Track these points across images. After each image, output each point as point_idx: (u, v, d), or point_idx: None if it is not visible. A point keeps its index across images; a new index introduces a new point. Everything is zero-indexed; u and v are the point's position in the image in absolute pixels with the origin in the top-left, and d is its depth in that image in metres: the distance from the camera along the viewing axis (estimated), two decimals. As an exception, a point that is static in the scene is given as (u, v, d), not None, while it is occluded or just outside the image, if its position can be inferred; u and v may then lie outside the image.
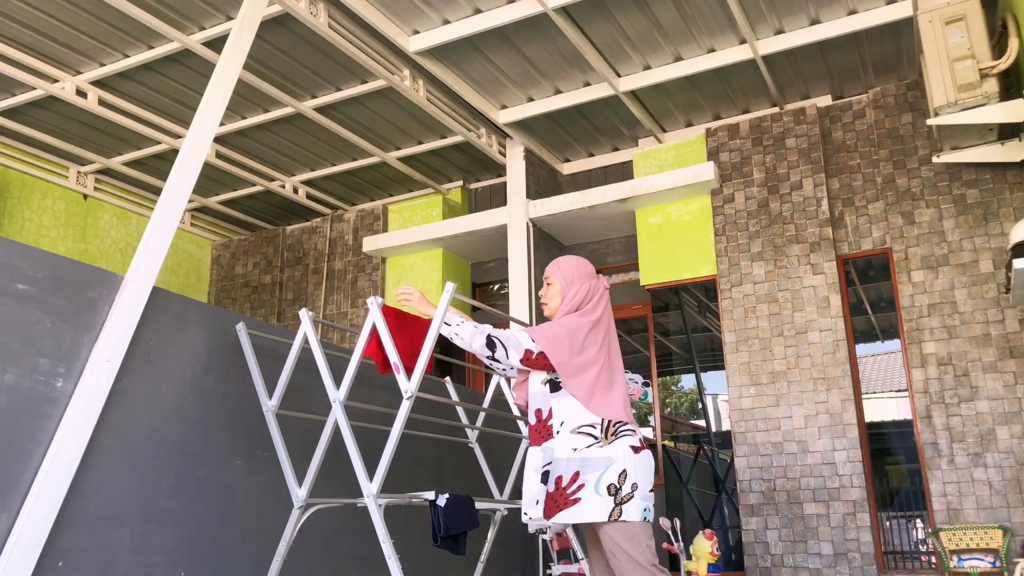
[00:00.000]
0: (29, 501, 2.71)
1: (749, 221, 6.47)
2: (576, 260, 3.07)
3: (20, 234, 7.20)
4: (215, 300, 9.02)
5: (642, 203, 6.86)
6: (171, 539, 3.18)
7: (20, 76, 5.94)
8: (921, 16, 5.29)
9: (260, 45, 5.67)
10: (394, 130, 7.09)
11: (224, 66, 4.12)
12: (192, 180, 3.73)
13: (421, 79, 6.33)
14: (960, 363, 5.63)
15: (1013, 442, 5.37)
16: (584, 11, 5.54)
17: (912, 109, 6.23)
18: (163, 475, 3.22)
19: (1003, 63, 5.01)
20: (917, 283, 5.88)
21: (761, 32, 5.90)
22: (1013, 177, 5.74)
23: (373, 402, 4.15)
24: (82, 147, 7.25)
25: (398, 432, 3.24)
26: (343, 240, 8.42)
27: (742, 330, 6.28)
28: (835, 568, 5.61)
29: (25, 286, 2.84)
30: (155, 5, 5.32)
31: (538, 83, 6.52)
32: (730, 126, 6.78)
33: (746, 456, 6.05)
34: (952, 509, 5.43)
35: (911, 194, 6.06)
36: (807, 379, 5.98)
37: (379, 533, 3.13)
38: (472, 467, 4.87)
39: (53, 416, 2.86)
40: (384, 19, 5.60)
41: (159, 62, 5.95)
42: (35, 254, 2.90)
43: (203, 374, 3.49)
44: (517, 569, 5.67)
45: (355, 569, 4.11)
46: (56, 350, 2.91)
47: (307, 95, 6.48)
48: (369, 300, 3.44)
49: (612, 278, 7.67)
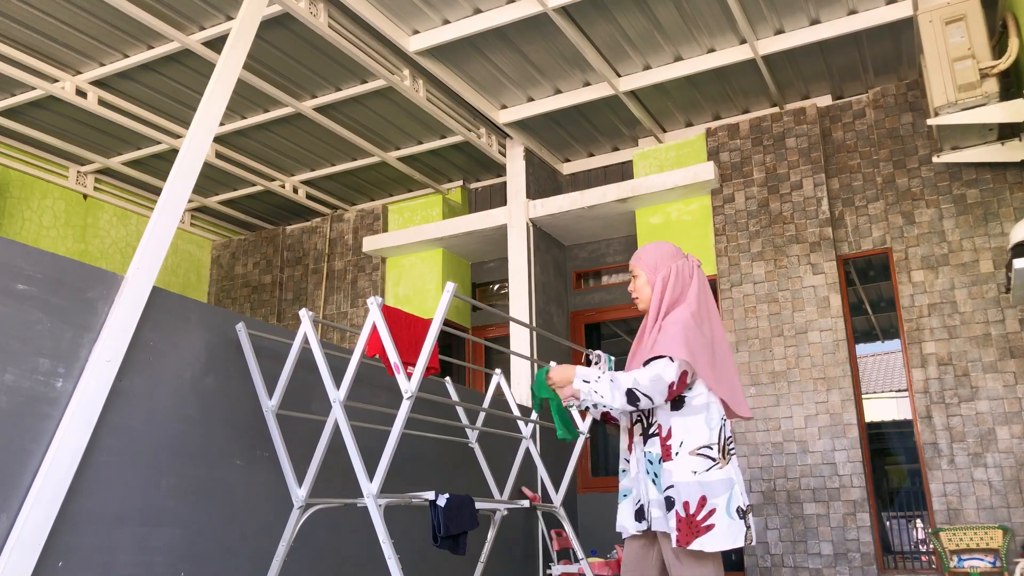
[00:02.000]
0: (29, 501, 2.71)
1: (749, 221, 6.47)
2: (656, 244, 2.91)
3: (20, 234, 7.20)
4: (215, 300, 9.01)
5: (642, 203, 6.86)
6: (171, 539, 3.18)
7: (20, 76, 5.93)
8: (921, 16, 5.29)
9: (260, 45, 5.67)
10: (394, 130, 7.09)
11: (224, 66, 4.12)
12: (192, 180, 3.73)
13: (421, 79, 6.33)
14: (960, 363, 5.63)
15: (1013, 442, 5.37)
16: (584, 11, 5.54)
17: (912, 109, 6.23)
18: (163, 475, 3.21)
19: (1003, 63, 5.01)
20: (917, 283, 5.88)
21: (761, 32, 5.90)
22: (1013, 177, 5.74)
23: (373, 402, 4.15)
24: (82, 147, 7.25)
25: (398, 432, 3.24)
26: (343, 240, 8.42)
27: (742, 330, 6.28)
28: (835, 568, 5.61)
29: (25, 286, 2.83)
30: (155, 5, 5.32)
31: (538, 83, 6.52)
32: (730, 126, 6.78)
33: (746, 456, 6.05)
34: (952, 509, 5.43)
35: (911, 194, 6.06)
36: (807, 379, 5.98)
37: (379, 533, 3.13)
38: (472, 467, 4.87)
39: (53, 416, 2.86)
40: (384, 19, 5.60)
41: (159, 62, 5.95)
42: (35, 254, 2.90)
43: (203, 374, 3.49)
44: (517, 569, 5.67)
45: (355, 569, 4.11)
46: (56, 350, 2.91)
47: (307, 95, 6.48)
48: (369, 300, 3.44)
49: (612, 278, 7.68)
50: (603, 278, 7.75)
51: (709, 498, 2.56)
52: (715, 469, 2.61)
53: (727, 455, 2.65)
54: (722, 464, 2.62)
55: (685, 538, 2.54)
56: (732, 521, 2.56)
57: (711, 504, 2.56)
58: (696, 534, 2.53)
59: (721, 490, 2.58)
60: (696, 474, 2.59)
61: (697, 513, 2.55)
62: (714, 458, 2.61)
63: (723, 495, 2.58)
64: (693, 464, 2.60)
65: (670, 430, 2.66)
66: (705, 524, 2.54)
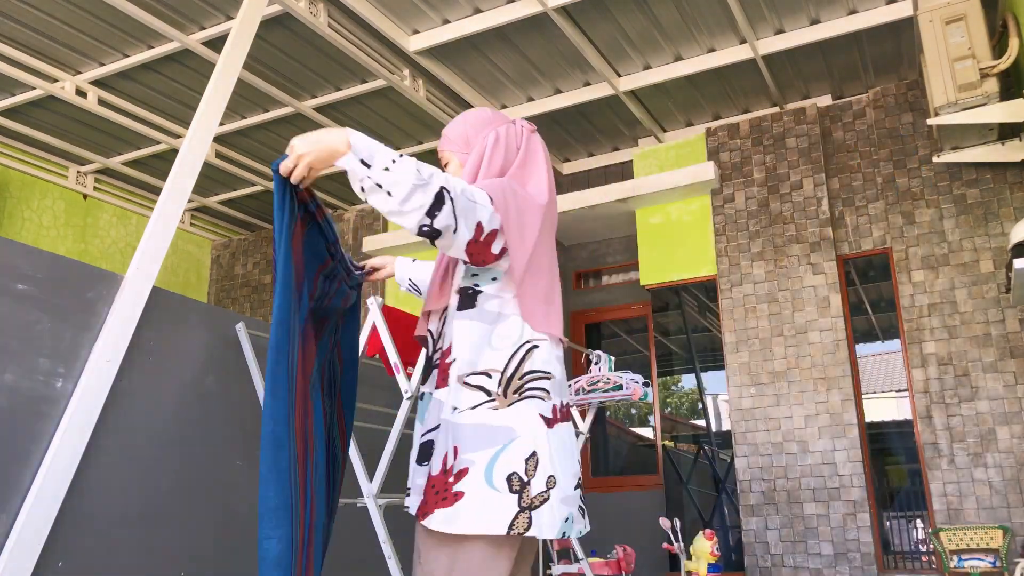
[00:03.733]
0: (29, 501, 2.71)
1: (749, 221, 6.47)
2: (464, 113, 2.06)
3: (20, 234, 7.20)
4: (215, 300, 9.01)
5: (642, 203, 6.86)
6: (171, 539, 3.18)
7: (20, 76, 5.93)
8: (921, 16, 5.29)
9: (260, 45, 5.67)
10: (394, 130, 7.09)
11: (224, 66, 4.12)
12: (192, 180, 3.72)
13: (421, 79, 6.33)
14: (960, 363, 5.63)
15: (1013, 442, 5.37)
16: (584, 11, 5.54)
17: (912, 109, 6.23)
18: (163, 475, 3.21)
19: (1003, 63, 5.01)
20: (917, 283, 5.88)
21: (761, 32, 5.90)
22: (1013, 177, 5.74)
23: (373, 402, 4.15)
24: (82, 147, 7.25)
25: (398, 432, 3.24)
26: (343, 240, 8.42)
27: (742, 330, 6.28)
28: (835, 568, 5.61)
29: (25, 286, 2.83)
30: (155, 5, 5.32)
31: (538, 83, 6.51)
32: (730, 126, 6.78)
33: (746, 456, 6.05)
34: (952, 509, 5.43)
35: (911, 194, 6.06)
36: (807, 379, 5.98)
37: (379, 533, 3.13)
38: (472, 467, 4.86)
39: (53, 416, 2.86)
40: (384, 19, 5.60)
41: (159, 62, 5.95)
42: (35, 254, 2.90)
43: (203, 374, 3.49)
44: (517, 569, 5.66)
45: (355, 569, 4.11)
46: (56, 350, 2.91)
47: (307, 95, 6.48)
48: (369, 300, 3.44)
49: (612, 278, 7.67)
50: (603, 278, 7.75)
51: (462, 451, 1.74)
52: (485, 408, 1.77)
53: (516, 394, 1.78)
54: (499, 404, 1.77)
55: (423, 508, 1.76)
56: (492, 493, 1.69)
57: (464, 460, 1.74)
58: (437, 503, 1.73)
59: (484, 443, 1.73)
60: (458, 412, 1.78)
61: (450, 472, 1.74)
62: (490, 392, 1.78)
63: (485, 450, 1.73)
64: (464, 397, 1.79)
65: (451, 343, 1.85)
66: (454, 490, 1.72)
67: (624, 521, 6.74)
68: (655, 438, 6.96)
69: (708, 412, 7.20)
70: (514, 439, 1.74)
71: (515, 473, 1.71)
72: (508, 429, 1.74)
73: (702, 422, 7.31)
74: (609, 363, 4.80)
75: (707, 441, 7.27)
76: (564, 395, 1.89)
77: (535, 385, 1.81)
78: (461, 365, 1.81)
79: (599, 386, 4.71)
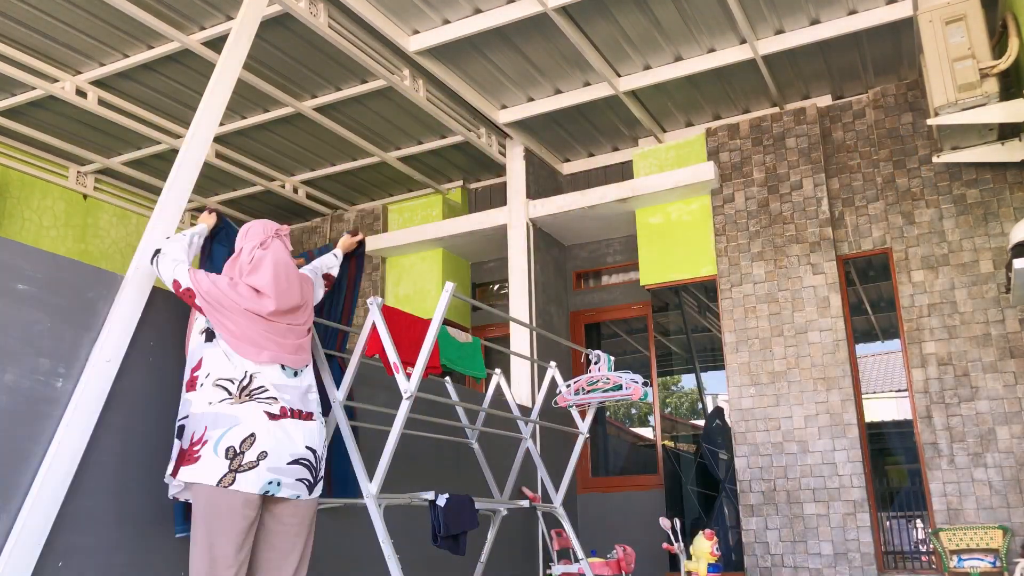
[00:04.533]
0: (29, 501, 2.71)
1: (749, 221, 6.48)
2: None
3: (20, 234, 7.20)
4: (215, 300, 9.00)
5: (642, 203, 6.86)
6: (171, 539, 3.18)
7: (20, 76, 5.93)
8: (921, 16, 5.29)
9: (260, 45, 5.67)
10: (394, 130, 7.09)
11: (224, 66, 4.12)
12: (192, 180, 3.73)
13: (421, 79, 6.33)
14: (960, 363, 5.63)
15: (1013, 442, 5.37)
16: (584, 11, 5.54)
17: (912, 109, 6.23)
18: (163, 475, 3.21)
19: (1003, 63, 5.01)
20: (917, 283, 5.88)
21: (761, 32, 5.90)
22: (1013, 177, 5.74)
23: (373, 402, 4.15)
24: (82, 147, 7.25)
25: (398, 432, 3.24)
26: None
27: (742, 330, 6.28)
28: (835, 568, 5.61)
29: (25, 286, 2.83)
30: (155, 5, 5.32)
31: (538, 83, 6.52)
32: (730, 126, 6.78)
33: (746, 456, 6.05)
34: (952, 509, 5.44)
35: (911, 194, 6.06)
36: (807, 379, 5.98)
37: (379, 533, 3.13)
38: (472, 467, 4.87)
39: (53, 416, 2.86)
40: (384, 19, 5.60)
41: (159, 62, 5.95)
42: (35, 254, 2.90)
43: (203, 374, 3.48)
44: (517, 569, 5.67)
45: (355, 569, 4.11)
46: (56, 350, 2.91)
47: (307, 95, 6.48)
48: (369, 300, 3.44)
49: (612, 278, 7.68)
50: (603, 278, 7.75)
51: (209, 429, 2.78)
52: (226, 403, 2.82)
53: (248, 397, 2.84)
54: (234, 401, 2.83)
55: (175, 468, 2.84)
56: (216, 459, 2.74)
57: (207, 436, 2.78)
58: (182, 463, 2.80)
59: (222, 424, 2.78)
60: (211, 405, 2.82)
61: (196, 444, 2.79)
62: (230, 392, 2.84)
63: (220, 429, 2.78)
64: (211, 395, 2.84)
65: (200, 361, 2.93)
66: (196, 455, 2.78)
67: (624, 521, 6.74)
68: (655, 438, 6.96)
69: (708, 412, 7.21)
70: (236, 424, 2.80)
71: (232, 446, 2.77)
72: (234, 417, 2.82)
73: (702, 422, 7.31)
74: (609, 363, 4.80)
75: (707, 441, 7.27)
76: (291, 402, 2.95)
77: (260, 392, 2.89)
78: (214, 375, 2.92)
79: (599, 386, 4.71)
